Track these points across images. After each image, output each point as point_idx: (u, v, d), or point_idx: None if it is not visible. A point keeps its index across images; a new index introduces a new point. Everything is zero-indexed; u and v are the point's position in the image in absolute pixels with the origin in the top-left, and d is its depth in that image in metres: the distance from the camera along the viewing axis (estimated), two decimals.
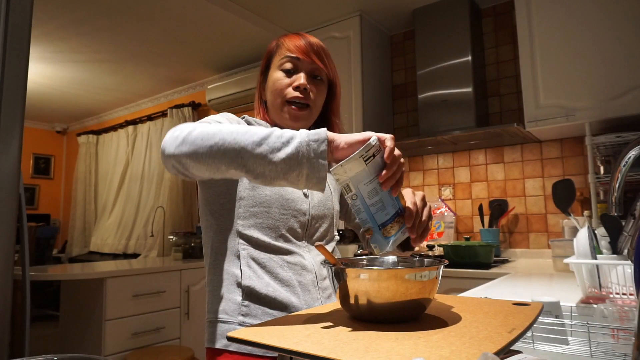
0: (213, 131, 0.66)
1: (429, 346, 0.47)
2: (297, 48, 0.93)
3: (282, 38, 0.98)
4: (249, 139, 0.64)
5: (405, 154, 2.84)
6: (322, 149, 0.62)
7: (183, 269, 2.64)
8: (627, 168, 0.77)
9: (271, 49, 1.00)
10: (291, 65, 0.94)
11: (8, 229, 0.96)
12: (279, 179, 0.64)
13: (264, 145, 0.63)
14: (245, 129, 0.66)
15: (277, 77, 0.94)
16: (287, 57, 0.94)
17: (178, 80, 4.11)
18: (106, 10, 2.75)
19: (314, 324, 0.59)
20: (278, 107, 0.94)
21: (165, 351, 2.20)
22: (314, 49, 0.95)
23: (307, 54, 0.93)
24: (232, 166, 0.65)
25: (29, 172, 5.53)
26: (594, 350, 0.68)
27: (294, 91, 0.92)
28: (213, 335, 0.85)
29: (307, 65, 0.94)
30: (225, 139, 0.65)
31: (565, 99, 1.98)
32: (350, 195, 0.64)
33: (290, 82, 0.93)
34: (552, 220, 2.32)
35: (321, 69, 0.95)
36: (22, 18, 1.00)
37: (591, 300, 1.01)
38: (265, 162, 0.63)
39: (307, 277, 0.88)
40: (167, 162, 0.71)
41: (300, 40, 0.95)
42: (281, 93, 0.93)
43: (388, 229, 0.66)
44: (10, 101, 0.97)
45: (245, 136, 0.64)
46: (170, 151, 0.69)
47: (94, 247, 4.83)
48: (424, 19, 2.60)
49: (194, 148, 0.66)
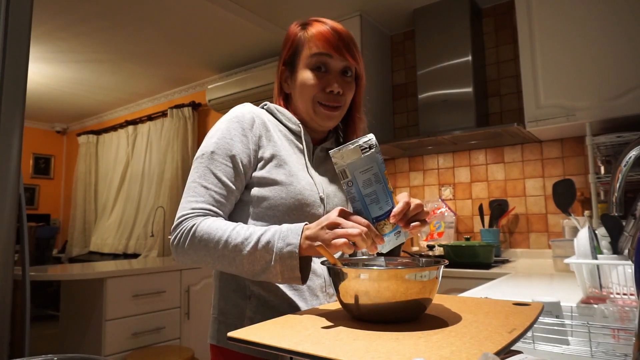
0: (201, 254, 0.77)
1: (429, 346, 0.47)
2: (328, 43, 0.87)
3: (309, 27, 0.90)
4: (228, 263, 0.75)
5: (406, 154, 2.84)
6: (294, 266, 0.70)
7: (183, 269, 2.64)
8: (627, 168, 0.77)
9: (297, 39, 0.92)
10: (322, 63, 0.88)
11: (8, 229, 0.96)
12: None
13: (244, 268, 0.74)
14: (224, 250, 0.75)
15: (308, 77, 0.88)
16: (317, 55, 0.87)
17: (178, 80, 4.11)
18: (106, 11, 2.75)
19: (314, 324, 0.59)
20: (309, 106, 0.90)
21: (165, 351, 2.20)
22: (344, 42, 0.88)
23: (339, 51, 0.87)
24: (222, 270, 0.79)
25: (29, 172, 5.53)
26: (594, 350, 0.68)
27: (325, 94, 0.88)
28: (218, 334, 0.85)
29: (339, 63, 0.89)
30: (209, 262, 0.77)
31: (566, 99, 1.98)
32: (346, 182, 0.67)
33: (322, 84, 0.88)
34: (553, 220, 2.32)
35: (352, 66, 0.90)
36: (22, 18, 1.00)
37: (592, 300, 1.01)
38: (247, 274, 0.76)
39: (316, 281, 0.86)
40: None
41: (330, 33, 0.88)
42: (311, 94, 0.89)
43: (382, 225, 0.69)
44: (10, 101, 0.97)
45: (225, 260, 0.75)
46: (176, 257, 0.81)
47: (94, 247, 4.82)
48: (424, 19, 2.60)
49: (186, 258, 0.79)
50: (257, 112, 0.90)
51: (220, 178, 0.81)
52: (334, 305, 0.73)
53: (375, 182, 0.68)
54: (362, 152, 0.67)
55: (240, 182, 0.84)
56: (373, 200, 0.68)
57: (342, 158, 0.67)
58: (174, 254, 0.80)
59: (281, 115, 0.94)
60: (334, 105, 0.89)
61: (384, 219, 0.69)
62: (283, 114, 0.94)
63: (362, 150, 0.67)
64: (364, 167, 0.67)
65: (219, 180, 0.81)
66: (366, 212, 0.68)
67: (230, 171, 0.82)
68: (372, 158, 0.67)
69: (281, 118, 0.93)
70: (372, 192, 0.68)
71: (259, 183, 0.85)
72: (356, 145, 0.67)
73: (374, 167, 0.68)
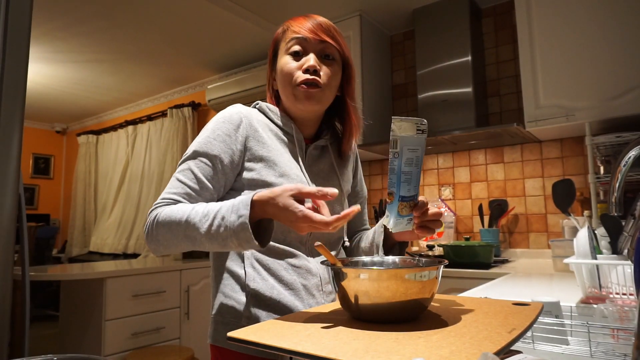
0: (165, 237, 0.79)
1: (429, 346, 0.47)
2: (304, 28, 0.88)
3: (289, 22, 0.92)
4: (190, 243, 0.77)
5: None
6: (243, 223, 0.70)
7: (183, 269, 2.64)
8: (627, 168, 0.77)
9: (277, 35, 0.94)
10: (299, 47, 0.88)
11: (8, 229, 0.96)
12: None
13: (203, 242, 0.75)
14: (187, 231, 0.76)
15: (285, 62, 0.89)
16: (294, 38, 0.88)
17: (178, 80, 4.11)
18: (106, 11, 2.75)
19: (314, 324, 0.59)
20: (290, 93, 0.89)
21: (165, 351, 2.20)
22: (322, 27, 0.89)
23: (314, 33, 0.87)
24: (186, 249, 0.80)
25: (28, 172, 5.52)
26: (594, 350, 0.68)
27: (304, 74, 0.86)
28: (217, 334, 0.85)
29: (316, 44, 0.88)
30: (172, 244, 0.79)
31: (565, 99, 1.98)
32: (394, 152, 0.69)
33: (299, 65, 0.87)
34: (552, 220, 2.32)
35: (332, 46, 0.89)
36: (21, 18, 1.00)
37: (591, 300, 1.01)
38: (206, 248, 0.77)
39: (312, 280, 0.87)
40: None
41: (307, 21, 0.89)
42: (290, 77, 0.87)
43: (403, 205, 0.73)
44: (10, 101, 0.97)
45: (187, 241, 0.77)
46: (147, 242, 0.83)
47: (93, 247, 4.82)
48: (424, 19, 2.60)
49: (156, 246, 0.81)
50: (246, 112, 0.90)
51: (197, 175, 0.83)
52: (334, 305, 0.73)
53: (415, 164, 0.70)
54: (416, 131, 0.69)
55: (218, 182, 0.85)
56: (407, 179, 0.71)
57: (400, 129, 0.68)
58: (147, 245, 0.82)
59: (272, 113, 0.93)
60: (312, 82, 0.86)
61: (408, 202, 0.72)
62: (274, 112, 0.93)
63: (417, 129, 0.69)
64: (413, 146, 0.69)
65: (195, 176, 0.83)
66: (397, 189, 0.71)
67: (209, 170, 0.84)
68: (421, 141, 0.70)
69: (272, 116, 0.93)
70: (409, 172, 0.70)
71: (250, 185, 0.85)
72: (414, 122, 0.68)
73: (419, 151, 0.70)
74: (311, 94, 0.87)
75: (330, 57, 0.89)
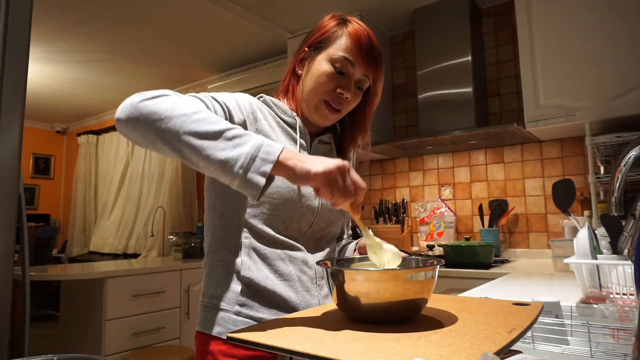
0: (165, 107, 0.65)
1: (429, 346, 0.47)
2: (360, 51, 0.86)
3: (349, 24, 0.89)
4: (195, 127, 0.63)
5: (406, 154, 2.84)
6: (264, 170, 0.61)
7: (183, 269, 2.64)
8: (627, 168, 0.77)
9: (331, 29, 0.90)
10: (345, 67, 0.87)
11: (8, 229, 0.96)
12: (212, 174, 0.65)
13: (206, 139, 0.62)
14: (200, 114, 0.64)
15: (326, 71, 0.87)
16: (345, 57, 0.86)
17: (178, 80, 4.11)
18: (106, 11, 2.75)
19: (314, 324, 0.59)
20: (313, 101, 0.89)
21: (165, 351, 2.20)
22: (374, 57, 0.88)
23: (366, 63, 0.87)
24: (168, 147, 0.64)
25: (28, 172, 5.52)
26: (594, 350, 0.68)
27: (335, 94, 0.87)
28: (207, 321, 0.84)
29: (359, 74, 0.88)
30: (173, 116, 0.63)
31: (565, 99, 1.98)
32: None
33: (337, 83, 0.87)
34: (552, 220, 2.32)
35: (368, 82, 0.90)
36: (22, 18, 1.00)
37: (591, 300, 1.01)
38: (200, 156, 0.62)
39: (308, 272, 0.87)
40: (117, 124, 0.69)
41: (364, 40, 0.87)
42: (322, 89, 0.87)
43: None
44: (10, 101, 0.97)
45: (193, 124, 0.63)
46: (119, 115, 0.67)
47: (94, 247, 4.82)
48: (424, 19, 2.60)
49: (137, 115, 0.65)
50: (253, 99, 0.90)
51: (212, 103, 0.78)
52: (333, 305, 0.73)
53: None
54: None
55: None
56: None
57: None
58: (123, 118, 0.66)
59: (277, 107, 0.92)
60: (337, 108, 0.89)
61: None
62: (278, 107, 0.92)
63: None
64: None
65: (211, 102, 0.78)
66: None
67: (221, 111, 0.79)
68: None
69: (277, 110, 0.92)
70: None
71: None
72: None
73: None
74: (329, 118, 0.90)
75: (362, 88, 0.91)
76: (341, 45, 0.87)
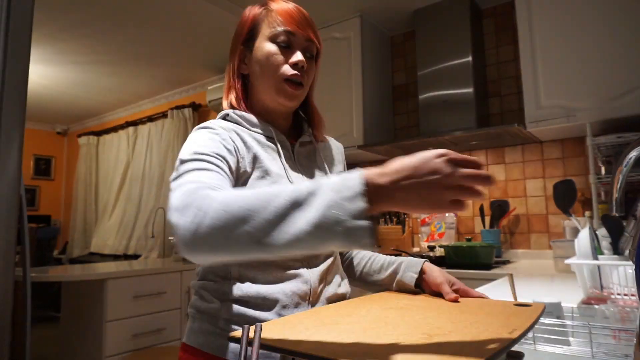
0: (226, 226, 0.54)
1: (429, 347, 0.47)
2: (293, 20, 0.83)
3: (270, 3, 0.87)
4: (261, 226, 0.52)
5: (406, 155, 2.84)
6: (356, 208, 0.49)
7: (184, 270, 2.64)
8: (628, 168, 0.77)
9: (256, 15, 0.87)
10: (286, 38, 0.83)
11: (9, 230, 0.96)
12: (312, 250, 0.53)
13: (281, 225, 0.51)
14: (251, 208, 0.53)
15: (272, 51, 0.83)
16: (283, 30, 0.83)
17: (178, 81, 4.12)
18: (107, 12, 2.76)
19: (314, 324, 0.59)
20: (272, 86, 0.84)
21: (165, 352, 2.20)
22: (308, 22, 0.85)
23: (304, 29, 0.84)
24: (252, 255, 0.55)
25: (29, 173, 5.53)
26: (595, 351, 0.67)
27: (291, 69, 0.83)
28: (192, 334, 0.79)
29: (303, 41, 0.84)
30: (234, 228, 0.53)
31: (566, 100, 1.98)
32: None
33: (286, 57, 0.83)
34: (553, 221, 2.32)
35: (315, 45, 0.86)
36: (23, 19, 1.00)
37: (592, 301, 1.01)
38: (290, 247, 0.51)
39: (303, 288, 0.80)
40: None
41: (294, 11, 0.85)
42: (277, 70, 0.83)
43: None
44: (11, 102, 0.97)
45: (256, 224, 0.52)
46: (186, 251, 0.57)
47: (94, 248, 4.83)
48: (425, 19, 2.60)
49: (201, 245, 0.56)
50: (222, 124, 0.83)
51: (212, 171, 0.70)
52: (334, 305, 0.73)
53: None
54: None
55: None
56: None
57: None
58: (188, 245, 0.56)
59: (246, 122, 0.86)
60: (298, 80, 0.84)
61: None
62: (249, 121, 0.86)
63: None
64: None
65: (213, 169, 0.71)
66: None
67: (222, 166, 0.73)
68: None
69: (247, 125, 0.86)
70: None
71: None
72: None
73: None
74: (295, 95, 0.85)
75: (311, 56, 0.87)
76: (273, 22, 0.84)
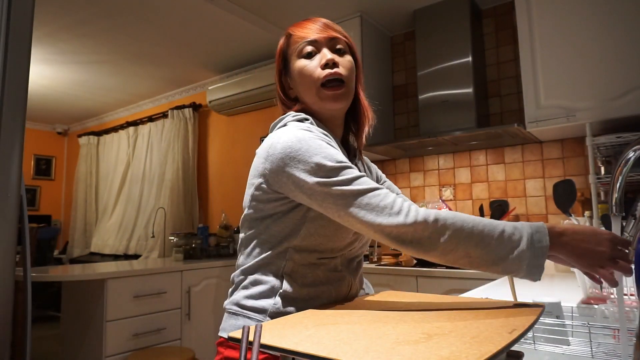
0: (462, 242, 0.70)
1: (429, 346, 0.47)
2: (311, 30, 0.87)
3: (290, 29, 0.91)
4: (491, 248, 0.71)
5: (406, 155, 2.84)
6: (541, 263, 0.70)
7: (184, 270, 2.64)
8: (627, 169, 0.77)
9: (282, 46, 0.93)
10: (311, 47, 0.87)
11: (9, 230, 0.96)
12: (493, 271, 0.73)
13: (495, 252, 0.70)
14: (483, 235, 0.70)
15: (301, 64, 0.87)
16: (305, 43, 0.87)
17: (179, 82, 4.12)
18: (107, 12, 2.76)
19: (314, 324, 0.59)
20: (314, 94, 0.86)
21: (166, 352, 2.20)
22: (327, 25, 0.89)
23: (323, 32, 0.87)
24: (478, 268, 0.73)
25: (30, 173, 5.53)
26: (595, 350, 0.68)
27: (324, 70, 0.85)
28: (233, 328, 0.80)
29: (327, 42, 0.87)
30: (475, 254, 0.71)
31: (566, 100, 1.98)
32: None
33: (315, 64, 0.86)
34: (553, 221, 2.32)
35: (341, 40, 0.89)
36: (23, 19, 1.01)
37: (592, 300, 1.01)
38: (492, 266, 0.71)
39: (342, 284, 0.85)
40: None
41: (311, 23, 0.89)
42: (312, 78, 0.85)
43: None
44: (12, 102, 0.97)
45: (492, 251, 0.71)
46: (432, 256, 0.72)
47: (94, 248, 4.83)
48: (425, 19, 2.60)
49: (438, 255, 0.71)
50: (319, 134, 0.83)
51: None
52: (334, 305, 0.74)
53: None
54: None
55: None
56: None
57: None
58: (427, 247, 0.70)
59: (317, 129, 0.86)
60: (335, 77, 0.85)
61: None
62: (320, 126, 0.88)
63: None
64: None
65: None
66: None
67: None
68: None
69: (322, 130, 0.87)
70: None
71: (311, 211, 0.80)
72: None
73: None
74: (338, 96, 0.86)
75: (342, 50, 0.89)
76: (295, 41, 0.89)
